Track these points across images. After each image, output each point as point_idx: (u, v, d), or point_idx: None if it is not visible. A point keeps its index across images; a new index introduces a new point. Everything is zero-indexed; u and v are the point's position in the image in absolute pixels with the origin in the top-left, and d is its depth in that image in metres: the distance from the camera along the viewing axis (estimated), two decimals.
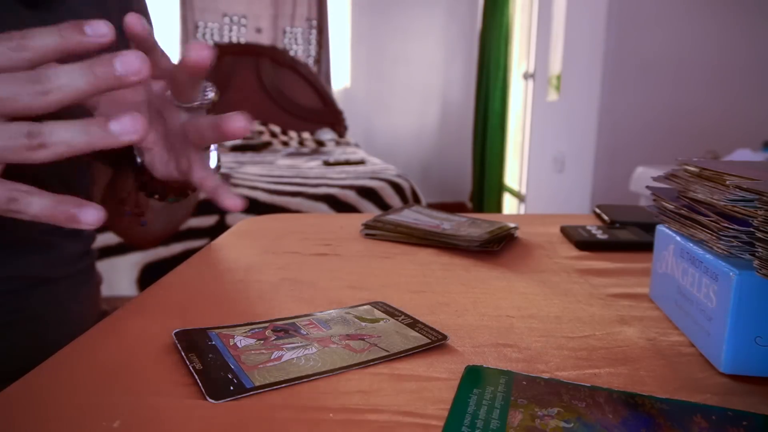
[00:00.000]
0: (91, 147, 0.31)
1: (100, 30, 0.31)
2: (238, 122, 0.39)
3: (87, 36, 0.31)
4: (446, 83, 4.54)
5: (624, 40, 2.33)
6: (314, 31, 4.23)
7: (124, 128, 0.31)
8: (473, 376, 0.30)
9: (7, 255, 0.52)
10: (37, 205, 0.31)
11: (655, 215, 0.43)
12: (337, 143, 3.71)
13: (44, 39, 0.31)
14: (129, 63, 0.30)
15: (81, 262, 0.62)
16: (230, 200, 0.44)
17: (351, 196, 2.03)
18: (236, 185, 2.07)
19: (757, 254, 0.30)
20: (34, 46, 0.30)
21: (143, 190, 0.55)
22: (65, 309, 0.59)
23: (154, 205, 0.57)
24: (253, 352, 0.33)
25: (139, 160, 0.52)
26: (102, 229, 0.77)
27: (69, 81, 0.30)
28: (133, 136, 0.31)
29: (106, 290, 0.70)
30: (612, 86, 2.37)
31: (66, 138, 0.30)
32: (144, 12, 0.62)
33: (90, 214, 0.31)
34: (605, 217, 0.72)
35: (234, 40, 4.09)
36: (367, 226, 0.65)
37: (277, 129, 3.77)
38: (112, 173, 0.64)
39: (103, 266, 0.69)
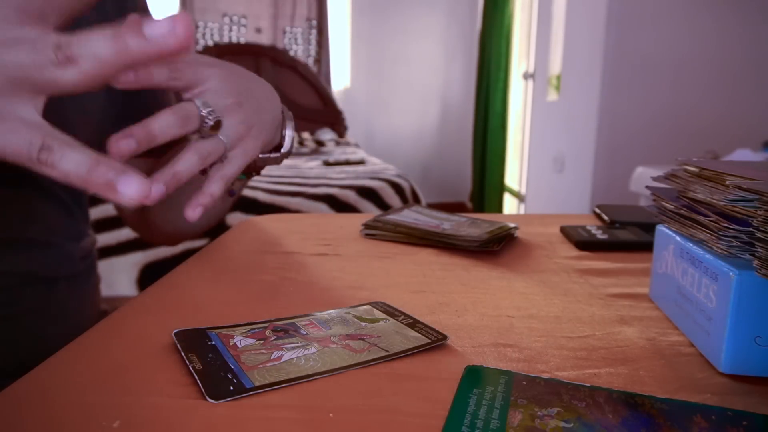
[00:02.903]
0: (124, 60, 0.26)
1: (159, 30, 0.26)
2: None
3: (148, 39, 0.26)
4: (446, 83, 4.54)
5: (624, 40, 2.33)
6: (314, 31, 4.23)
7: (162, 30, 0.26)
8: (473, 376, 0.30)
9: (6, 251, 0.52)
10: (72, 161, 0.26)
11: (655, 215, 0.43)
12: (337, 143, 3.71)
13: (97, 47, 0.26)
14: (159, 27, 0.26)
15: (82, 263, 0.62)
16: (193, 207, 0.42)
17: (351, 196, 2.03)
18: None
19: (756, 254, 0.30)
20: (83, 56, 0.26)
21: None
22: (64, 307, 0.59)
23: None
24: (253, 352, 0.33)
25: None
26: (107, 228, 0.77)
27: (96, 50, 0.26)
28: (171, 40, 0.26)
29: (106, 290, 0.70)
30: (612, 86, 2.37)
31: (96, 50, 0.26)
32: (144, 11, 0.62)
33: (132, 186, 0.26)
34: (605, 217, 0.72)
35: (234, 40, 4.09)
36: (367, 226, 0.65)
37: None
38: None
39: (103, 266, 0.69)
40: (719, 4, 2.28)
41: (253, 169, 0.54)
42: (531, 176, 3.47)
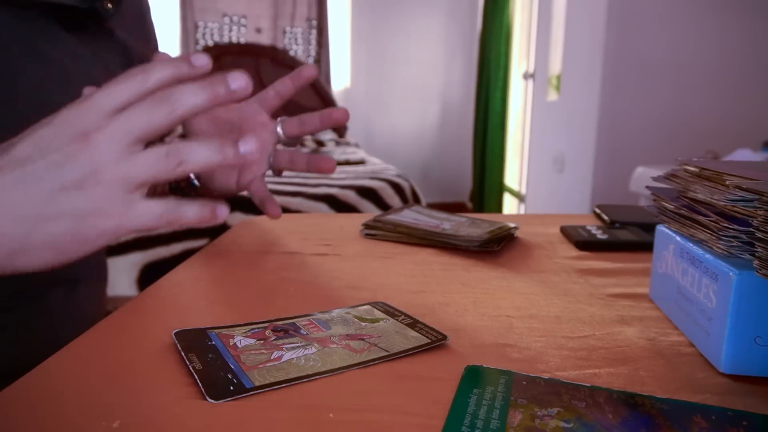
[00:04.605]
0: (222, 165, 0.34)
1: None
2: (328, 163, 0.56)
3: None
4: (446, 83, 4.54)
5: (624, 40, 2.33)
6: (314, 31, 4.23)
7: (250, 149, 0.34)
8: (473, 376, 0.30)
9: None
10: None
11: (655, 215, 0.43)
12: (337, 143, 3.71)
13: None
14: (238, 80, 0.34)
15: (99, 265, 0.63)
16: (274, 209, 0.57)
17: (351, 196, 2.03)
18: None
19: (757, 254, 0.30)
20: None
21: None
22: (81, 309, 0.59)
23: None
24: (253, 352, 0.33)
25: (196, 182, 0.59)
26: None
27: (192, 99, 0.33)
28: (255, 156, 0.37)
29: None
30: (612, 86, 2.37)
31: (202, 158, 0.33)
32: (152, 30, 0.67)
33: (223, 209, 0.35)
34: (605, 217, 0.72)
35: (234, 40, 4.09)
36: (367, 226, 0.65)
37: None
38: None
39: None
40: (720, 5, 2.28)
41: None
42: (531, 176, 3.47)
